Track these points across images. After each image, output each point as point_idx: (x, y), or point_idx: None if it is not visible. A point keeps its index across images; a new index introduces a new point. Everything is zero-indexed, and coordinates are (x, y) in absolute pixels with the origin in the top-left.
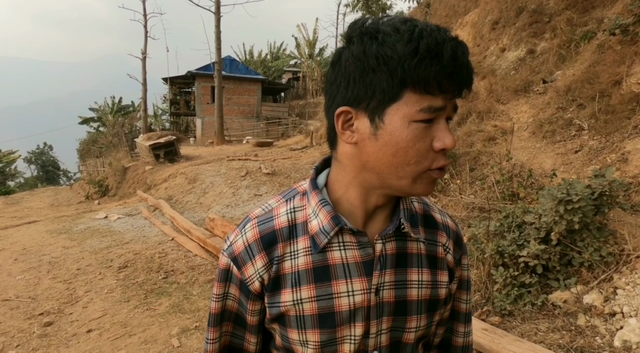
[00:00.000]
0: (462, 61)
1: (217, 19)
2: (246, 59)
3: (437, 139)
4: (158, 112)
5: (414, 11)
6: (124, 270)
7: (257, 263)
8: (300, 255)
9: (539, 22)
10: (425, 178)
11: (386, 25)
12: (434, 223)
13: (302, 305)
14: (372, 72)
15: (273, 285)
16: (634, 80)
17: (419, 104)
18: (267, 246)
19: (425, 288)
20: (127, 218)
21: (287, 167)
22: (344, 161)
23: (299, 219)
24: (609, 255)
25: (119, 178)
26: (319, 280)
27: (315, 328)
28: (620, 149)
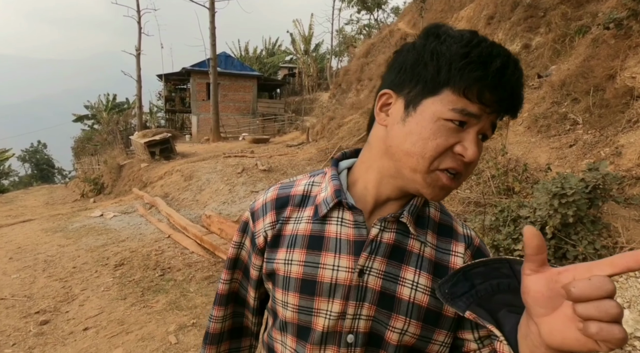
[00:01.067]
0: (509, 78)
1: (212, 15)
2: (241, 55)
3: (460, 144)
4: (153, 109)
5: (409, 6)
6: (120, 268)
7: (266, 220)
8: (303, 222)
9: (534, 17)
10: (434, 179)
11: (455, 32)
12: (449, 232)
13: (290, 266)
14: (423, 65)
15: (273, 242)
16: (628, 74)
17: (453, 104)
18: (279, 207)
19: (421, 292)
20: (123, 216)
21: (284, 163)
22: (372, 142)
23: (313, 192)
24: (602, 248)
25: (114, 176)
26: (311, 248)
27: (296, 292)
28: (614, 143)
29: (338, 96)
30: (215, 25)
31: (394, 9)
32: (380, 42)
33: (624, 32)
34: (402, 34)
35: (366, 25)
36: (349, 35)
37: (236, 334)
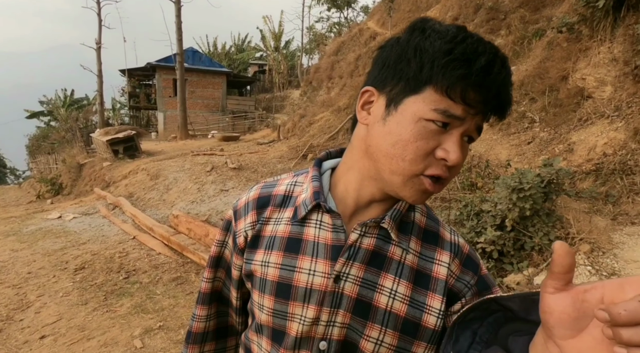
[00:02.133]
0: (495, 77)
1: (178, 9)
2: (210, 50)
3: (442, 147)
4: (116, 106)
5: (378, 6)
6: (80, 272)
7: (247, 219)
8: (283, 223)
9: (495, 19)
10: (416, 183)
11: (441, 26)
12: (434, 239)
13: (267, 268)
14: (406, 61)
15: (252, 243)
16: (579, 76)
17: (436, 104)
18: (260, 206)
19: (399, 301)
20: (83, 218)
21: (254, 161)
22: (354, 142)
23: (295, 192)
24: (556, 238)
25: (73, 176)
26: (289, 250)
27: (272, 295)
28: (567, 140)
29: (309, 94)
30: (181, 19)
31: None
32: (350, 41)
33: (575, 36)
34: (372, 33)
35: (336, 23)
36: (319, 33)
37: (222, 334)
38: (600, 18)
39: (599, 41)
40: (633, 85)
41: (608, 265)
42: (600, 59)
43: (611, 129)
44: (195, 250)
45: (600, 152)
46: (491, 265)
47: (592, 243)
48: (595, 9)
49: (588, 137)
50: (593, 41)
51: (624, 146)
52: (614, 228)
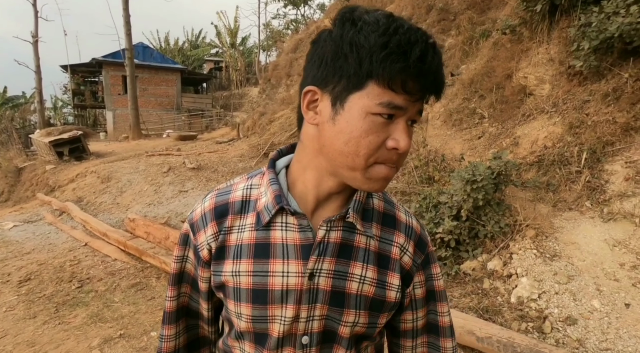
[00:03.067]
0: (430, 65)
1: (125, 2)
2: (161, 46)
3: (392, 138)
4: (58, 104)
5: (334, 3)
6: (26, 284)
7: (208, 232)
8: (247, 230)
9: (446, 20)
10: (374, 174)
11: (370, 16)
12: (392, 222)
13: (239, 277)
14: (344, 57)
15: (218, 254)
16: (521, 75)
17: (380, 98)
18: (219, 216)
19: (367, 284)
20: (26, 226)
21: (214, 160)
22: (305, 141)
23: (253, 196)
24: (506, 226)
25: (11, 181)
26: (258, 257)
27: (249, 303)
28: (512, 134)
29: (268, 91)
30: (129, 12)
31: (320, 5)
32: (308, 38)
33: (517, 38)
34: None
35: (293, 21)
36: (277, 30)
37: (193, 347)
38: (538, 21)
39: (537, 42)
40: (567, 84)
41: (550, 247)
42: (539, 59)
43: (550, 124)
44: (155, 254)
45: (542, 145)
46: (449, 254)
47: (537, 229)
48: (534, 12)
49: (531, 131)
50: (533, 42)
51: (561, 139)
52: (554, 215)
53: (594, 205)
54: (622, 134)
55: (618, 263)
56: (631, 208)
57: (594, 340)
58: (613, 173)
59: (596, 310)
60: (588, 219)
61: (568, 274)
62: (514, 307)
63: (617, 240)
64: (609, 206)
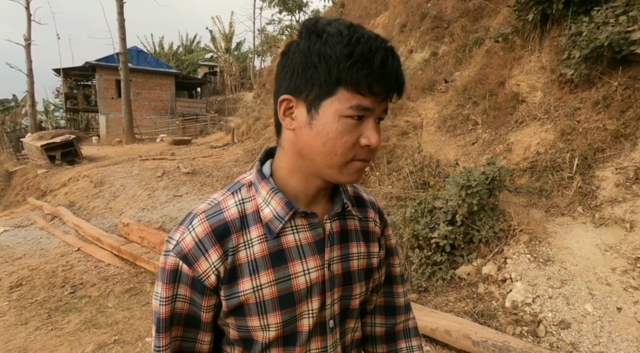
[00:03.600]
0: (390, 69)
1: (120, 6)
2: (156, 51)
3: (364, 136)
4: (50, 108)
5: (329, 10)
6: (17, 289)
7: (212, 257)
8: (255, 244)
9: (440, 27)
10: (350, 168)
11: (333, 27)
12: (363, 202)
13: (261, 291)
14: (314, 67)
15: (230, 277)
16: (514, 82)
17: (350, 102)
18: (220, 238)
19: (362, 258)
20: (16, 231)
21: (208, 165)
22: (285, 147)
23: (248, 210)
24: (500, 231)
25: (1, 185)
26: (276, 264)
27: (277, 311)
28: (506, 141)
29: (263, 96)
30: (124, 17)
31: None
32: None
33: (510, 46)
34: None
35: (288, 26)
36: (271, 35)
37: None
38: (530, 30)
39: (530, 51)
40: (559, 91)
41: (544, 252)
42: (531, 67)
43: (542, 130)
44: (149, 259)
45: (534, 151)
46: (444, 259)
47: (530, 234)
48: (526, 21)
49: (523, 137)
50: (525, 51)
51: (553, 145)
52: (547, 220)
53: (586, 210)
54: (612, 141)
55: (610, 268)
56: (622, 213)
57: (587, 344)
58: (604, 179)
59: (589, 314)
60: (580, 224)
61: (561, 278)
62: (508, 311)
63: (609, 245)
64: (601, 211)
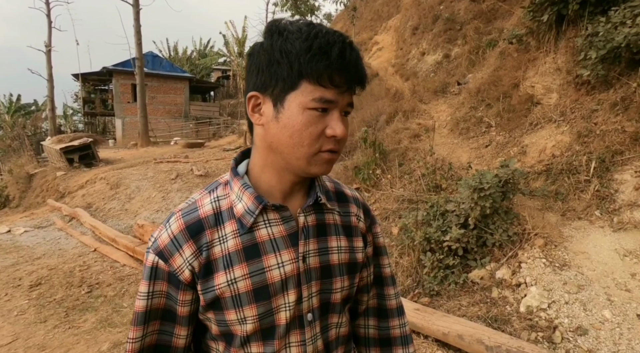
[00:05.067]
0: (349, 60)
1: (136, 12)
2: (170, 55)
3: (329, 127)
4: (68, 112)
5: (341, 14)
6: (37, 288)
7: (186, 252)
8: (229, 239)
9: (452, 30)
10: (318, 159)
11: (293, 26)
12: (344, 198)
13: (236, 284)
14: (277, 63)
15: (205, 272)
16: (529, 84)
17: (312, 94)
18: (194, 234)
19: (344, 252)
20: (36, 231)
21: (221, 168)
22: (257, 143)
23: (223, 207)
24: (514, 234)
25: (22, 187)
26: (250, 258)
27: (252, 304)
28: (520, 143)
29: None
30: (140, 23)
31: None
32: None
33: (524, 47)
34: None
35: None
36: None
37: None
38: (545, 31)
39: (544, 52)
40: (575, 93)
41: (560, 257)
42: (546, 68)
43: (558, 133)
44: None
45: (550, 154)
46: (457, 262)
47: (546, 238)
48: (540, 22)
49: (538, 140)
50: (540, 52)
51: (570, 148)
52: (563, 224)
53: (604, 214)
54: (632, 143)
55: (629, 274)
56: None
57: (605, 351)
58: (623, 182)
59: (607, 320)
60: (598, 228)
61: (578, 284)
62: (523, 316)
63: (628, 249)
64: (619, 215)
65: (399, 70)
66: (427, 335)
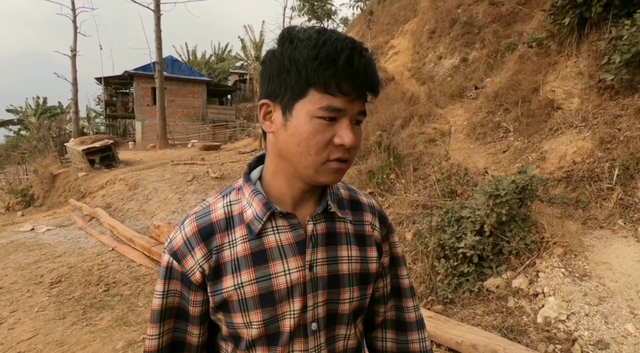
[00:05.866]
0: (357, 67)
1: (157, 18)
2: (189, 59)
3: (337, 136)
4: (91, 115)
5: (357, 18)
6: (57, 286)
7: (197, 255)
8: (239, 243)
9: (470, 33)
10: (326, 168)
11: (304, 34)
12: (359, 206)
13: (243, 288)
14: (286, 72)
15: (214, 274)
16: (549, 88)
17: (320, 103)
18: (205, 238)
19: (355, 262)
20: (58, 230)
21: (236, 170)
22: (269, 150)
23: (235, 211)
24: (532, 243)
25: (46, 187)
26: (257, 264)
27: (258, 309)
28: (539, 149)
29: None
30: (160, 28)
31: (344, 19)
32: None
33: (545, 51)
34: None
35: None
36: None
37: None
38: (566, 34)
39: (566, 56)
40: (597, 98)
41: (580, 267)
42: (567, 72)
43: (579, 139)
44: None
45: (570, 160)
46: (472, 270)
47: (565, 247)
48: (562, 26)
49: (559, 146)
50: (561, 56)
51: (591, 154)
52: (584, 232)
53: (627, 223)
54: None
55: None
56: None
57: None
58: None
59: (630, 334)
60: (621, 238)
61: (599, 295)
62: (540, 327)
63: None
64: None
65: (415, 74)
66: (440, 344)
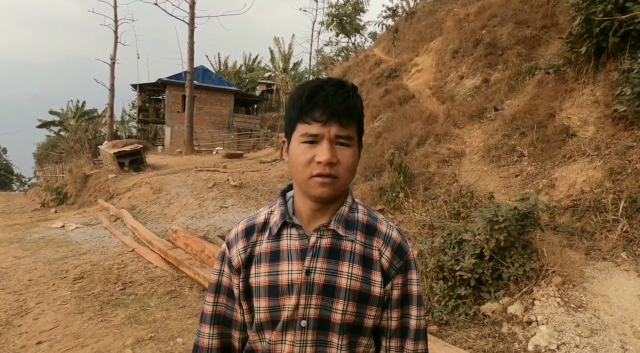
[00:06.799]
0: (317, 100)
1: (191, 30)
2: (220, 68)
3: (317, 155)
4: (125, 118)
5: (384, 34)
6: (79, 282)
7: (239, 246)
8: (264, 242)
9: (493, 54)
10: (312, 183)
11: (309, 81)
12: (373, 231)
13: (259, 277)
14: (288, 114)
15: (247, 263)
16: (565, 115)
17: (301, 131)
18: (247, 234)
19: (354, 280)
20: (85, 228)
21: (255, 179)
22: None
23: (271, 218)
24: (531, 270)
25: (79, 186)
26: (272, 260)
27: (265, 296)
28: (550, 175)
29: None
30: (194, 40)
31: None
32: (356, 66)
33: (562, 77)
34: (377, 60)
35: (344, 48)
36: (327, 56)
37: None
38: (583, 63)
39: (582, 84)
40: (612, 127)
41: (576, 297)
42: (583, 100)
43: (590, 167)
44: (190, 265)
45: (579, 189)
46: (469, 293)
47: (564, 276)
48: (579, 54)
49: (569, 173)
50: (577, 83)
51: (600, 184)
52: (586, 263)
53: (630, 256)
54: None
55: None
56: None
57: None
58: None
59: None
60: (622, 271)
61: (591, 327)
62: None
63: None
64: None
65: (436, 92)
66: None
